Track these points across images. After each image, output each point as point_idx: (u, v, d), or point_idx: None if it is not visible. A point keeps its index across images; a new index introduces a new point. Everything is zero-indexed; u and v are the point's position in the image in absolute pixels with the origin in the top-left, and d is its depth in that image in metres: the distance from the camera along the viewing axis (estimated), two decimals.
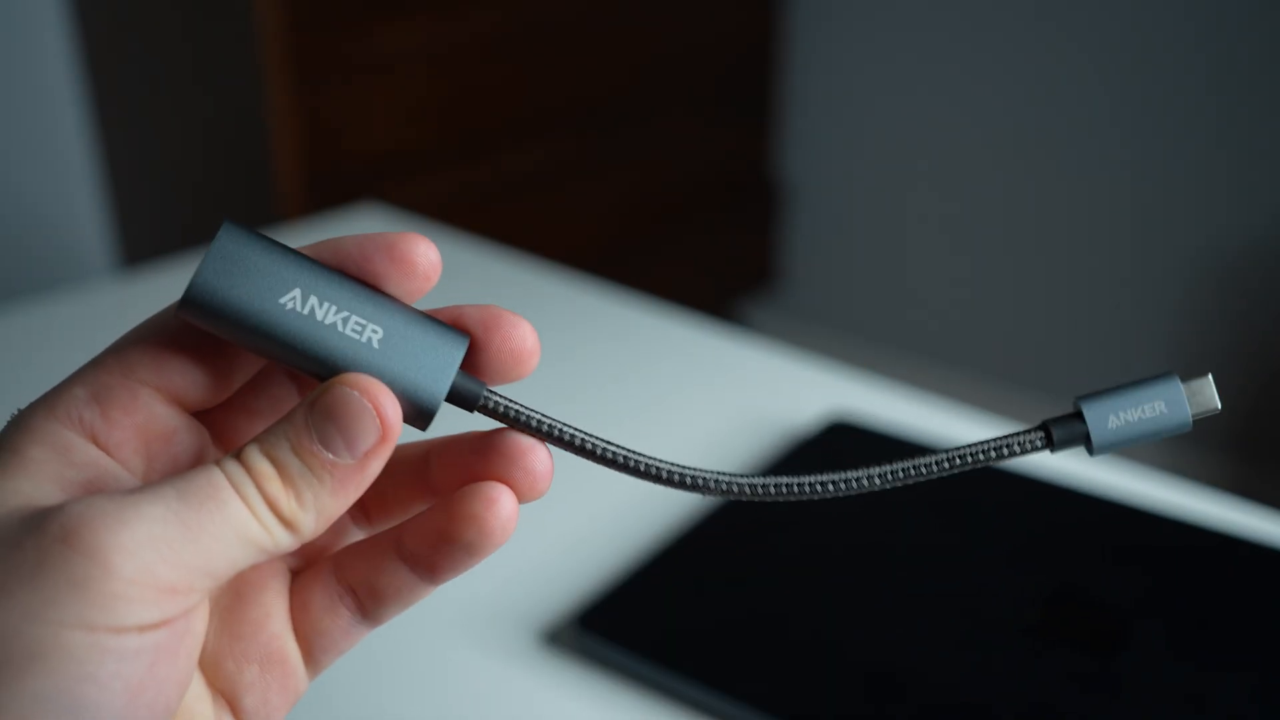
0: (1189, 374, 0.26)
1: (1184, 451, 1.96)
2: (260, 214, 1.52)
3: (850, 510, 0.59)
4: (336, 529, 0.29)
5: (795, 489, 0.26)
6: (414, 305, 0.26)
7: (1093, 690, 0.47)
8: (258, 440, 0.24)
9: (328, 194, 1.53)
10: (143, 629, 0.22)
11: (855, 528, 0.57)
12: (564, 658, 0.51)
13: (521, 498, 0.27)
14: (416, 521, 0.27)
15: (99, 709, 0.21)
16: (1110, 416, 0.26)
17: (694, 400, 0.71)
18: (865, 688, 0.48)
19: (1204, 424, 1.81)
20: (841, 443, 0.64)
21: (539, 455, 0.27)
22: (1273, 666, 0.48)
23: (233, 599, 0.27)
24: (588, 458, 0.27)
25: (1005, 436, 0.26)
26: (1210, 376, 0.26)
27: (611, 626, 0.50)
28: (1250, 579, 0.54)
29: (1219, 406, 0.26)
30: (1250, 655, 0.49)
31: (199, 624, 0.24)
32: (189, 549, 0.22)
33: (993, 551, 0.56)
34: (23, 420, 0.24)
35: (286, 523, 0.24)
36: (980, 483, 0.61)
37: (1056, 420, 0.26)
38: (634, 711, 0.48)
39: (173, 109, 1.57)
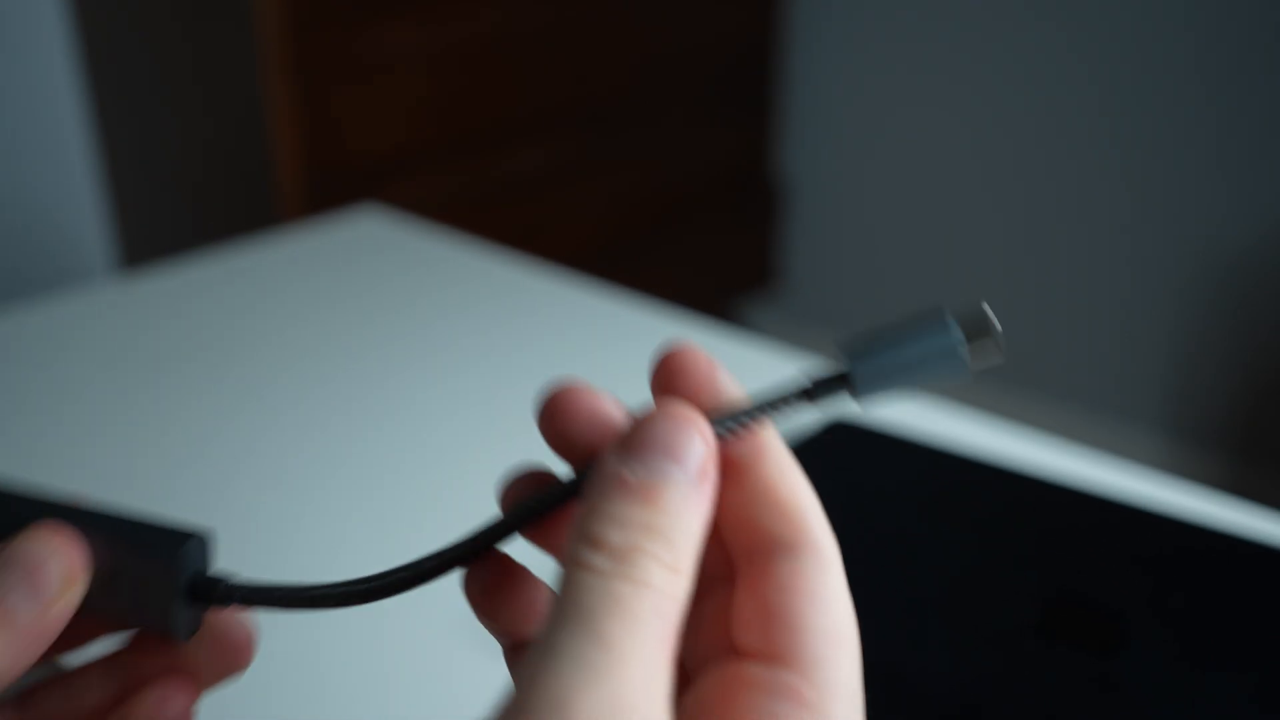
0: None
1: (1185, 451, 1.96)
2: (261, 215, 1.52)
3: (851, 511, 0.59)
4: None
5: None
6: None
7: (1093, 691, 0.47)
8: None
9: (328, 194, 1.53)
10: None
11: (856, 529, 0.57)
12: None
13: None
14: None
15: None
16: (879, 372, 0.24)
17: None
18: (865, 689, 0.47)
19: (1205, 425, 1.78)
20: (842, 444, 0.64)
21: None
22: (1273, 667, 0.48)
23: None
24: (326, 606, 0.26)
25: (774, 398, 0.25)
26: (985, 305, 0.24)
27: None
28: (1251, 579, 0.54)
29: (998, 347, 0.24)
30: (1250, 656, 0.49)
31: None
32: None
33: (993, 552, 0.56)
34: None
35: None
36: (981, 483, 0.61)
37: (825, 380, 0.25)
38: None
39: (173, 109, 1.57)
